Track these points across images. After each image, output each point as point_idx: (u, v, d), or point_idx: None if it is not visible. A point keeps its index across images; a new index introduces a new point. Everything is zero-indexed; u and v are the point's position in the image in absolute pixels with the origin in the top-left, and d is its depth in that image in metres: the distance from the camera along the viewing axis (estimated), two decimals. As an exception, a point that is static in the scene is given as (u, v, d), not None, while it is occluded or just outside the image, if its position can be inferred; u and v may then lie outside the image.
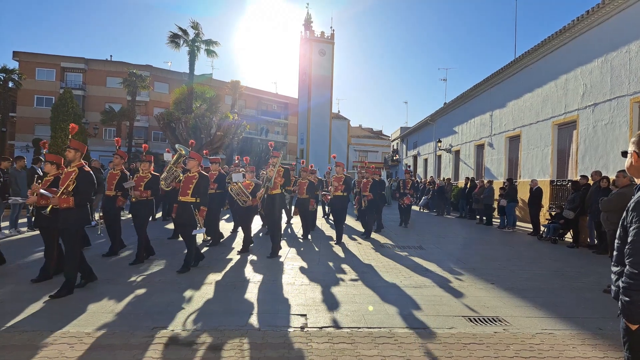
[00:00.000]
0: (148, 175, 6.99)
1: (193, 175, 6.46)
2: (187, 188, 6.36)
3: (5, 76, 30.96)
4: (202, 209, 6.30)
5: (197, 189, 6.33)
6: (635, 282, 1.89)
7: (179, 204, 6.42)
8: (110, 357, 3.36)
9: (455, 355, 3.54)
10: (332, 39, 49.80)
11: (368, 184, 10.58)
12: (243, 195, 7.82)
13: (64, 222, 5.01)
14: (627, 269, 1.94)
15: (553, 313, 4.71)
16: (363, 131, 61.72)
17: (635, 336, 1.97)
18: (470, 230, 12.83)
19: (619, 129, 10.45)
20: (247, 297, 5.11)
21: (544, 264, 7.77)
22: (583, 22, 11.76)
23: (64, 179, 5.12)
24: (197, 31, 24.36)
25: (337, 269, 6.79)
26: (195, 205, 6.27)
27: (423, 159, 29.73)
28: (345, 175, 9.90)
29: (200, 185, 6.34)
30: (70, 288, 4.96)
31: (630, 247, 1.95)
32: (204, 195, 6.38)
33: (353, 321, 4.30)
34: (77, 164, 5.17)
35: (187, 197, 6.33)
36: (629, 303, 1.91)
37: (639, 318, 1.91)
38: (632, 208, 2.02)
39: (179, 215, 6.42)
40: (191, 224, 6.26)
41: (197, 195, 6.33)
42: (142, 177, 6.98)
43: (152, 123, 38.86)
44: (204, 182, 6.41)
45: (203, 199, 6.35)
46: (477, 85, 19.31)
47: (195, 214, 6.21)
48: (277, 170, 7.61)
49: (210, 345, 3.62)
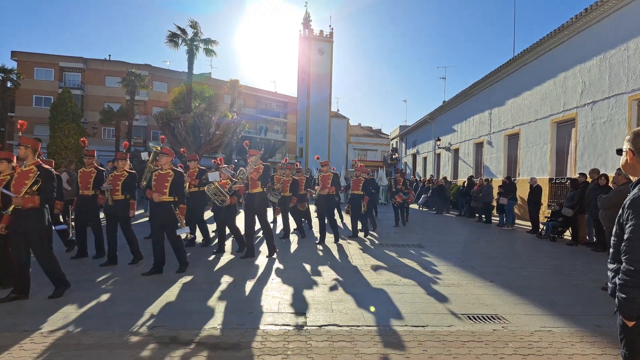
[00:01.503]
0: (124, 173, 6.68)
1: (167, 172, 6.08)
2: (163, 187, 5.99)
3: (3, 76, 30.94)
4: (182, 207, 6.08)
5: (174, 186, 6.02)
6: (632, 278, 1.90)
7: (156, 205, 6.04)
8: (109, 356, 3.36)
9: (454, 353, 3.55)
10: (330, 37, 49.82)
11: (359, 182, 10.37)
12: (221, 195, 7.53)
13: (25, 225, 4.62)
14: (623, 266, 1.95)
15: (552, 310, 4.73)
16: (362, 130, 61.72)
17: (632, 333, 1.98)
18: (469, 229, 12.84)
19: (617, 126, 10.46)
20: (245, 296, 5.11)
21: (542, 261, 7.78)
22: (581, 20, 11.76)
23: (19, 178, 4.71)
24: (196, 30, 24.32)
25: (336, 268, 6.79)
26: (174, 204, 6.02)
27: (422, 158, 29.75)
28: (332, 173, 9.63)
29: (176, 183, 6.05)
30: (62, 283, 4.90)
31: (626, 244, 1.96)
32: (182, 193, 6.15)
33: (352, 319, 4.31)
34: (34, 162, 4.82)
35: (165, 196, 5.98)
36: (625, 300, 1.92)
37: (636, 315, 1.93)
38: (627, 205, 2.02)
39: (157, 216, 6.03)
40: (173, 224, 6.02)
41: (174, 193, 6.04)
42: (119, 176, 6.66)
43: (151, 122, 38.81)
44: (179, 179, 6.12)
45: (181, 197, 6.13)
46: (476, 83, 19.32)
47: (176, 212, 5.99)
48: (256, 168, 7.26)
49: (209, 344, 3.63)
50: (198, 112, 24.76)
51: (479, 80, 18.98)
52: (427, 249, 8.71)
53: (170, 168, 6.13)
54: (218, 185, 7.57)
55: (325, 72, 48.81)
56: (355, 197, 10.29)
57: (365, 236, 10.27)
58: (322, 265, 6.93)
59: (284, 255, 7.77)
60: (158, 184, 6.01)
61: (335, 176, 9.63)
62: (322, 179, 9.44)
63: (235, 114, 26.90)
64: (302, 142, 49.54)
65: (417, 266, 7.01)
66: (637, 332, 1.96)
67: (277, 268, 6.67)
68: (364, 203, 10.16)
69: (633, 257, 1.91)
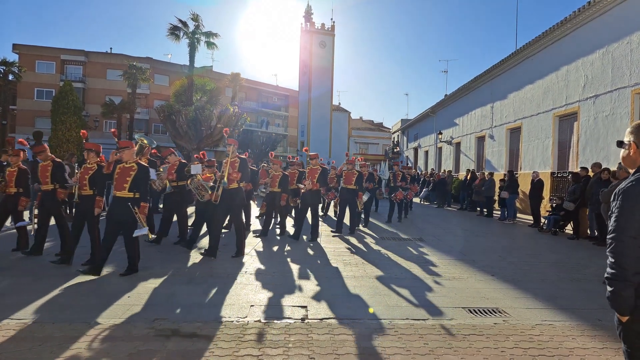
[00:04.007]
0: (94, 166, 6.17)
1: (130, 166, 5.58)
2: (124, 181, 5.52)
3: (5, 69, 30.86)
4: (142, 206, 5.57)
5: (135, 182, 5.53)
6: (616, 271, 1.88)
7: (114, 200, 5.63)
8: (112, 348, 3.38)
9: (455, 346, 3.56)
10: (332, 30, 49.52)
11: (352, 176, 9.63)
12: (202, 189, 7.20)
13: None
14: (608, 259, 1.94)
15: (553, 304, 4.73)
16: (364, 123, 61.56)
17: (627, 328, 1.96)
18: (470, 223, 12.84)
19: (619, 120, 10.41)
20: (246, 289, 5.13)
21: (544, 255, 7.79)
22: (584, 13, 11.68)
23: None
24: (197, 23, 24.18)
25: (337, 261, 6.80)
26: (134, 202, 5.51)
27: (424, 151, 29.70)
28: (321, 167, 8.88)
29: (139, 178, 5.56)
30: None
31: (609, 237, 1.94)
32: (144, 190, 5.66)
33: (353, 312, 4.32)
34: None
35: (124, 192, 5.51)
36: (612, 293, 1.90)
37: (625, 309, 1.90)
38: (614, 196, 2.00)
39: (114, 213, 5.59)
40: (131, 223, 5.53)
41: (135, 189, 5.54)
42: (88, 169, 6.17)
43: (153, 115, 38.81)
44: (143, 175, 5.62)
45: (143, 194, 5.62)
46: (478, 77, 19.23)
47: (135, 211, 5.49)
48: (231, 162, 6.83)
49: (212, 336, 3.64)
50: (199, 105, 24.70)
51: (481, 73, 18.88)
52: (428, 243, 8.71)
53: (134, 161, 5.66)
54: (201, 179, 7.26)
55: (326, 66, 48.55)
56: (346, 191, 9.66)
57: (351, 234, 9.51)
58: (323, 259, 6.94)
59: (284, 249, 7.79)
60: (119, 178, 5.56)
61: (324, 171, 8.91)
62: (310, 173, 8.76)
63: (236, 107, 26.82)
64: (304, 135, 49.38)
65: (418, 260, 7.01)
66: (632, 328, 1.94)
67: (277, 262, 6.69)
68: (359, 200, 9.59)
69: (615, 249, 1.89)
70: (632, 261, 1.86)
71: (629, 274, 1.86)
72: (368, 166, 14.16)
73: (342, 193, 9.87)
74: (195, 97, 27.02)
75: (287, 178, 9.22)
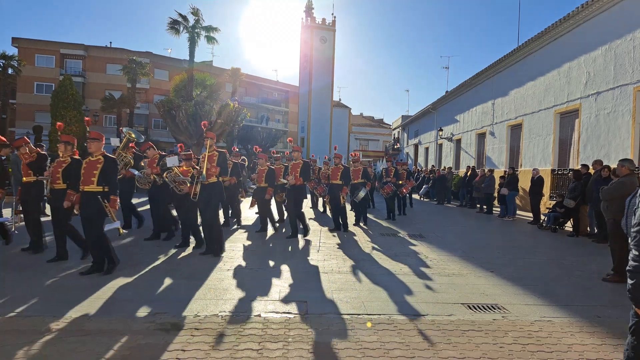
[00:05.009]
0: (67, 159, 5.98)
1: (97, 159, 5.42)
2: (91, 175, 5.35)
3: (4, 63, 30.81)
4: (112, 199, 5.39)
5: (103, 175, 5.37)
6: (639, 263, 1.88)
7: (82, 195, 5.43)
8: (112, 342, 3.39)
9: (454, 341, 3.57)
10: (333, 25, 49.41)
11: (337, 171, 9.30)
12: (180, 182, 7.02)
13: None
14: (631, 252, 1.93)
15: (552, 301, 4.74)
16: (364, 119, 61.54)
17: None
18: (470, 219, 12.85)
19: (621, 117, 10.39)
20: (246, 284, 5.13)
21: (543, 252, 7.80)
22: (587, 10, 11.63)
23: None
24: (197, 17, 24.09)
25: (336, 257, 6.81)
26: (103, 195, 5.35)
27: (424, 148, 29.67)
28: (303, 161, 8.58)
29: (107, 171, 5.39)
30: None
31: (635, 230, 1.94)
32: (113, 183, 5.47)
33: (353, 308, 4.33)
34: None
35: (92, 185, 5.34)
36: (633, 286, 1.90)
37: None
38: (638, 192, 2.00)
39: (82, 209, 5.42)
40: (96, 219, 5.33)
41: (104, 183, 5.37)
42: (61, 162, 6.00)
43: (153, 110, 38.74)
44: (111, 167, 5.45)
45: (112, 187, 5.44)
46: (480, 73, 19.18)
47: (105, 205, 5.32)
48: (210, 156, 6.62)
49: (211, 330, 3.65)
50: (199, 100, 24.65)
51: (483, 70, 18.83)
52: (427, 239, 8.72)
53: (101, 154, 5.47)
54: (178, 172, 7.04)
55: (327, 61, 48.50)
56: (334, 187, 9.36)
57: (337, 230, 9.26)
58: (322, 255, 6.95)
59: (284, 244, 7.79)
60: (86, 172, 5.40)
61: (306, 164, 8.55)
62: (292, 167, 8.43)
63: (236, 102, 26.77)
64: (304, 131, 49.40)
65: (418, 256, 7.02)
66: None
67: (277, 257, 6.70)
68: (342, 194, 9.19)
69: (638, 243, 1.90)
70: None
71: None
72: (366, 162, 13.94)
73: (331, 189, 9.59)
74: (195, 92, 26.94)
75: (274, 172, 8.97)
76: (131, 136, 6.68)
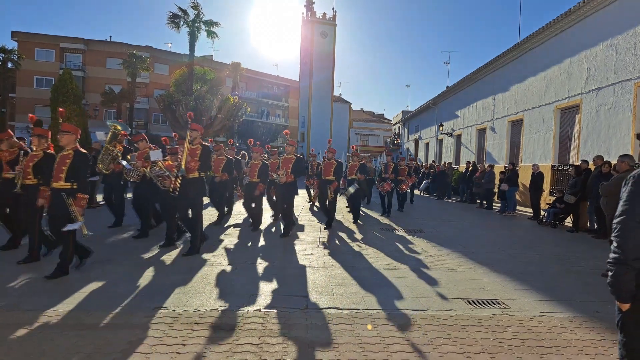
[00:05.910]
0: (40, 153, 5.67)
1: (67, 153, 5.04)
2: (60, 171, 4.97)
3: (4, 56, 30.74)
4: (79, 197, 4.97)
5: (72, 171, 4.98)
6: (618, 255, 1.88)
7: (51, 193, 5.06)
8: (111, 335, 3.39)
9: (454, 336, 3.58)
10: (334, 20, 49.23)
11: (330, 167, 9.12)
12: (164, 177, 6.72)
13: None
14: (612, 244, 1.94)
15: (551, 296, 4.75)
16: (364, 115, 61.46)
17: (626, 317, 1.96)
18: (470, 215, 12.85)
19: (622, 113, 10.36)
20: (246, 279, 5.14)
21: (543, 248, 7.80)
22: (589, 5, 11.56)
23: None
24: (198, 12, 24.03)
25: (335, 252, 6.82)
26: (69, 193, 4.94)
27: (424, 143, 29.65)
28: (296, 156, 8.23)
29: (76, 167, 5.01)
30: None
31: (615, 222, 1.94)
32: (83, 179, 5.10)
33: (353, 302, 4.34)
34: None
35: (60, 182, 4.96)
36: (612, 277, 1.90)
37: (625, 295, 1.90)
38: (625, 182, 2.00)
39: (49, 206, 5.10)
40: (62, 216, 4.94)
41: (73, 179, 4.98)
42: (33, 156, 5.71)
43: (153, 105, 38.69)
44: (81, 162, 5.07)
45: (81, 185, 5.04)
46: (480, 68, 19.12)
47: (70, 203, 4.92)
48: (192, 150, 6.30)
49: (211, 325, 3.66)
50: (199, 95, 24.62)
51: (483, 65, 18.76)
52: (427, 234, 8.72)
53: (72, 148, 5.09)
54: (162, 166, 6.76)
55: (327, 56, 48.36)
56: (326, 183, 9.14)
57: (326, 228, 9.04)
58: (321, 250, 6.95)
59: (283, 240, 7.79)
60: (56, 167, 5.04)
61: (298, 160, 8.21)
62: (284, 163, 8.11)
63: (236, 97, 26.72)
64: (304, 126, 49.37)
65: (418, 251, 7.03)
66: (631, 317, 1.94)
67: (276, 252, 6.70)
68: (330, 189, 8.96)
69: (620, 233, 1.89)
70: (634, 246, 1.86)
71: (630, 258, 1.86)
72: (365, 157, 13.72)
73: (321, 185, 9.32)
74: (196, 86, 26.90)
75: (267, 167, 8.59)
76: (117, 128, 6.47)
